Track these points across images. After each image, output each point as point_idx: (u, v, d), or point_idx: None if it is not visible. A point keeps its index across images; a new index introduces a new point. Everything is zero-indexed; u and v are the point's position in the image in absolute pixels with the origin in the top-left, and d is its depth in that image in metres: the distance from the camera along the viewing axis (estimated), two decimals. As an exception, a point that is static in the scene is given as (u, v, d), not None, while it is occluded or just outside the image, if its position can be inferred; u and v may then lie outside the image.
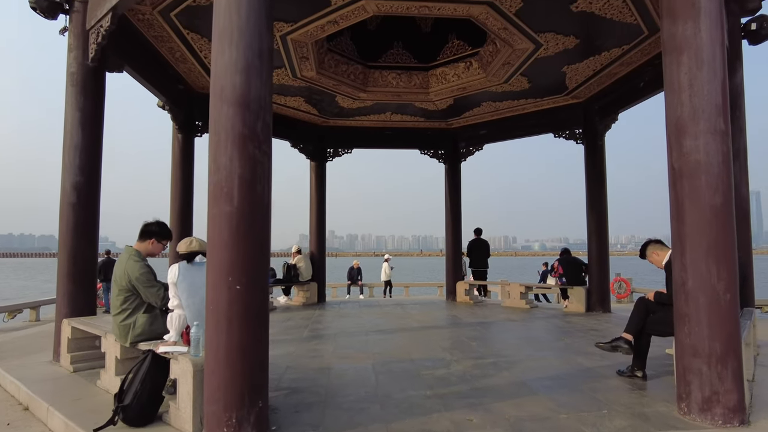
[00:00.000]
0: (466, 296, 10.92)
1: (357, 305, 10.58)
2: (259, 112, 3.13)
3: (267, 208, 3.13)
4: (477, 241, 11.78)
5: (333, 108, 9.96)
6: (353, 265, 18.32)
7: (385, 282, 17.15)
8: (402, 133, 11.20)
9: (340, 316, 8.74)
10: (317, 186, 11.13)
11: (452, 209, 11.52)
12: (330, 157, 11.14)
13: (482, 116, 10.55)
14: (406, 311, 9.42)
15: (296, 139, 10.72)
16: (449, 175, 11.53)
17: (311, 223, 11.14)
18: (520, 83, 8.56)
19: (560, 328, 7.33)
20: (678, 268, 3.44)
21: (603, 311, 9.10)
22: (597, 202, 9.33)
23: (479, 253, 11.66)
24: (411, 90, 9.00)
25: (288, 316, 8.75)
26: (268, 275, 3.24)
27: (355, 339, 6.50)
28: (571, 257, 9.84)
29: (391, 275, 17.40)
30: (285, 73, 8.14)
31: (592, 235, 9.35)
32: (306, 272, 10.63)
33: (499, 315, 8.82)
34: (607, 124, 9.08)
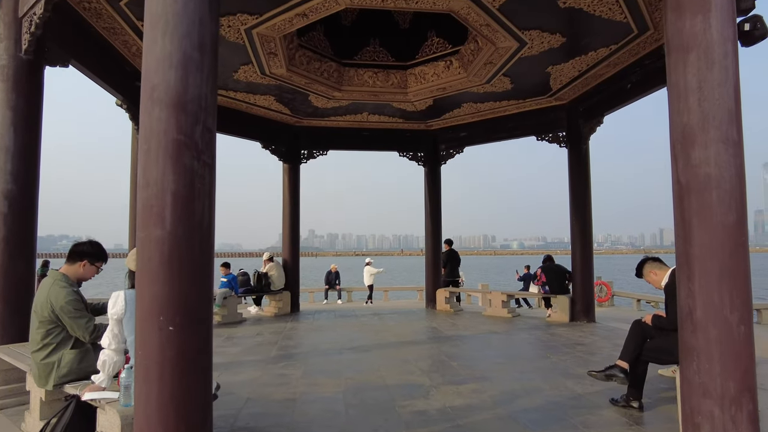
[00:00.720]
0: (446, 304, 10.50)
1: (332, 315, 10.06)
2: (198, 114, 2.60)
3: (208, 230, 2.61)
4: (450, 252, 11.76)
5: (306, 108, 9.42)
6: (331, 269, 17.74)
7: (369, 286, 16.45)
8: (380, 135, 10.73)
9: (314, 330, 8.22)
10: (290, 189, 10.57)
11: (432, 213, 11.10)
12: (304, 159, 10.59)
13: (463, 118, 10.14)
14: (384, 323, 8.94)
15: (267, 140, 10.14)
16: (429, 178, 11.10)
17: (284, 229, 10.58)
18: (502, 84, 8.16)
19: (545, 343, 6.95)
20: (684, 294, 3.04)
21: (587, 321, 8.78)
22: (581, 208, 9.01)
23: (453, 264, 11.69)
24: (388, 89, 8.53)
25: (257, 330, 8.19)
26: (210, 312, 2.71)
27: (327, 359, 6.00)
28: (555, 264, 9.51)
29: (374, 279, 16.72)
30: (252, 70, 7.58)
31: (576, 241, 9.03)
32: (278, 281, 10.07)
33: (480, 326, 8.42)
34: (592, 127, 8.75)
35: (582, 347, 6.61)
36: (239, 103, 9.08)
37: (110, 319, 3.01)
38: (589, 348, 6.56)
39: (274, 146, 10.24)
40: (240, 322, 9.13)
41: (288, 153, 10.43)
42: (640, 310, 15.01)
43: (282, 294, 10.13)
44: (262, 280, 9.83)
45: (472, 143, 10.53)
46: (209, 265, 2.64)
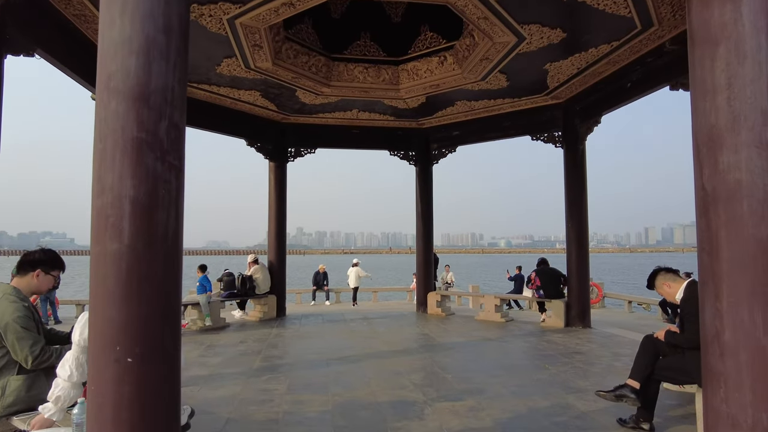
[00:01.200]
0: (437, 308, 10.20)
1: (320, 320, 9.70)
2: (163, 108, 2.23)
3: (174, 243, 2.24)
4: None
5: (293, 104, 9.03)
6: (319, 269, 17.33)
7: (354, 288, 15.90)
8: (370, 133, 10.37)
9: (300, 337, 7.86)
10: (277, 189, 10.17)
11: (423, 214, 10.78)
12: (291, 158, 10.20)
13: (456, 116, 9.82)
14: (373, 328, 8.61)
15: (253, 137, 9.73)
16: (420, 178, 10.77)
17: (270, 229, 10.18)
18: (498, 81, 7.86)
19: (541, 352, 6.67)
20: (710, 314, 2.75)
21: (583, 326, 8.53)
22: (577, 210, 8.75)
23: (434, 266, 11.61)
24: (379, 86, 8.17)
25: (241, 338, 7.80)
26: (177, 340, 2.35)
27: (313, 372, 5.64)
28: (549, 268, 9.25)
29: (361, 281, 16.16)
30: (236, 64, 7.17)
31: (572, 244, 8.77)
32: (263, 284, 9.67)
33: (473, 333, 8.13)
34: (589, 127, 8.49)
35: (580, 356, 6.34)
36: (223, 99, 8.66)
37: (76, 345, 2.59)
38: (588, 357, 6.30)
39: (260, 143, 9.83)
40: (223, 328, 8.73)
41: (274, 151, 10.02)
42: (631, 312, 14.88)
43: (267, 298, 9.75)
44: (247, 283, 9.43)
45: (465, 142, 10.23)
46: (175, 284, 2.28)
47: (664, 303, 12.88)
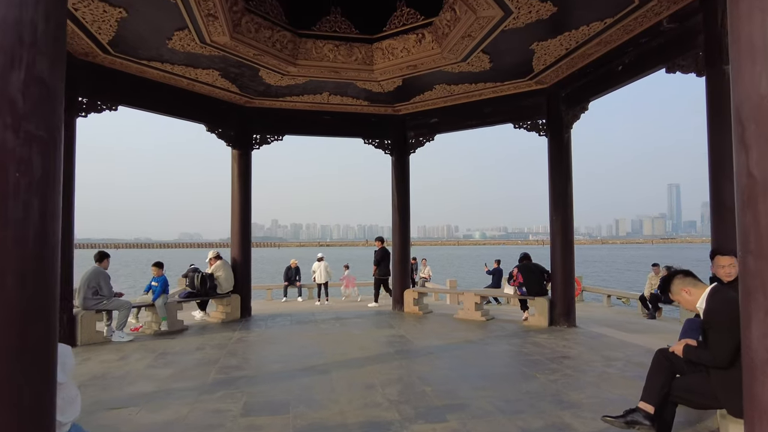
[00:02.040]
0: (414, 306, 9.62)
1: (288, 321, 8.99)
2: (16, 52, 1.52)
3: (41, 245, 1.54)
4: (383, 251, 11.59)
5: (257, 85, 8.24)
6: (291, 264, 16.56)
7: (320, 285, 14.89)
8: (342, 119, 9.65)
9: (264, 342, 7.15)
10: (241, 179, 9.37)
11: (400, 207, 10.15)
12: (256, 145, 9.41)
13: (434, 102, 9.19)
14: (346, 330, 7.96)
15: (214, 123, 8.89)
16: (396, 168, 10.12)
17: (233, 223, 9.39)
18: (480, 62, 7.25)
19: (527, 356, 6.14)
20: (759, 333, 2.18)
21: (568, 325, 8.07)
22: (562, 202, 8.26)
23: (386, 262, 11.42)
24: (351, 66, 7.46)
25: (198, 343, 7.05)
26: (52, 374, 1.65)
27: (275, 386, 4.96)
28: (532, 264, 8.75)
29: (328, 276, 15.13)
30: (190, 38, 6.36)
31: (557, 237, 8.29)
32: (226, 283, 8.90)
33: (453, 334, 7.56)
34: (576, 114, 7.97)
35: (569, 361, 5.83)
36: (179, 79, 7.81)
37: None
38: (577, 362, 5.80)
39: (221, 129, 9.00)
40: (180, 332, 7.95)
41: (237, 138, 9.21)
42: (611, 306, 14.66)
43: (230, 298, 8.98)
44: (207, 282, 8.64)
45: (444, 130, 9.62)
46: (48, 301, 1.58)
47: (644, 298, 12.65)
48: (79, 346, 6.75)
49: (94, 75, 7.03)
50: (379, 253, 11.64)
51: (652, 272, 13.23)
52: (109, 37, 6.27)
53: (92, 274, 7.19)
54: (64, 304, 6.55)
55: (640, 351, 6.33)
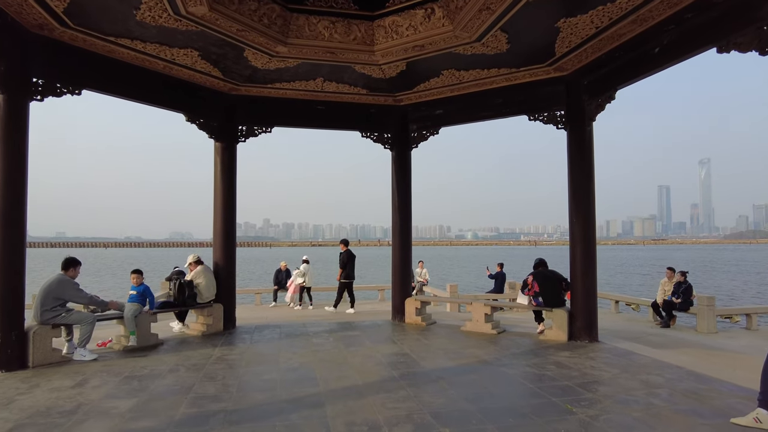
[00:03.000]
0: (417, 317, 8.72)
1: (276, 333, 8.06)
2: None
3: None
4: (348, 253, 11.35)
5: (242, 68, 7.31)
6: (280, 267, 15.61)
7: (303, 288, 13.93)
8: (338, 109, 8.73)
9: (249, 362, 6.21)
10: (225, 175, 8.42)
11: (400, 206, 9.25)
12: (242, 137, 8.46)
13: (440, 91, 8.30)
14: (342, 346, 7.04)
15: (194, 112, 7.94)
16: (397, 164, 9.22)
17: (215, 225, 8.43)
18: (496, 43, 6.38)
19: (553, 381, 5.27)
20: None
21: (590, 340, 7.23)
22: (583, 203, 7.42)
23: (351, 264, 11.36)
24: (350, 46, 6.56)
25: (173, 362, 6.11)
26: None
27: (259, 425, 4.05)
28: (549, 271, 7.88)
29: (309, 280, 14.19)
30: (161, 8, 5.43)
31: (577, 242, 7.44)
32: (207, 291, 7.95)
33: (463, 352, 6.68)
34: (600, 104, 7.13)
35: (605, 388, 4.98)
36: (153, 61, 6.86)
37: None
38: (614, 390, 4.94)
39: (202, 119, 8.05)
40: (154, 347, 7.00)
41: (221, 129, 8.26)
42: (618, 312, 13.87)
43: (212, 307, 8.03)
44: (185, 290, 7.68)
45: (450, 123, 8.73)
46: None
47: (656, 305, 11.87)
48: (30, 369, 5.77)
49: (52, 52, 6.07)
50: (345, 255, 11.32)
51: (665, 277, 12.43)
52: (63, 4, 5.31)
53: (55, 284, 6.18)
54: (10, 320, 5.60)
55: (681, 374, 5.50)
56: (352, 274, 11.45)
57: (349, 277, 11.36)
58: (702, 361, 6.29)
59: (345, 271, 11.29)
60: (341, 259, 11.35)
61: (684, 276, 11.84)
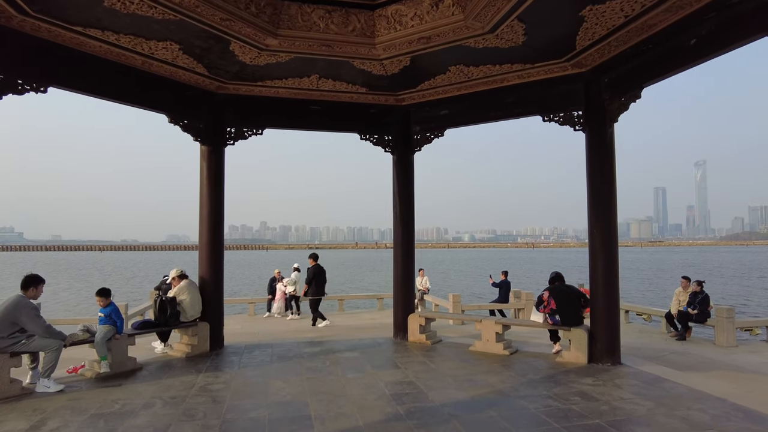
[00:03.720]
0: (421, 335, 8.03)
1: (268, 356, 7.34)
2: None
3: None
4: (316, 268, 10.91)
5: (229, 64, 6.63)
6: (274, 275, 14.92)
7: (290, 297, 13.37)
8: (335, 109, 8.06)
9: (236, 393, 5.51)
10: (211, 181, 7.72)
11: (402, 213, 8.56)
12: (230, 140, 7.78)
13: (446, 89, 7.64)
14: (339, 372, 6.34)
15: (177, 112, 7.25)
16: (399, 168, 8.55)
17: (201, 235, 7.72)
18: (511, 34, 5.72)
19: (584, 418, 4.59)
20: None
21: (612, 363, 6.57)
22: (604, 210, 6.76)
23: (319, 280, 10.90)
24: (348, 38, 5.89)
25: (149, 394, 5.40)
26: None
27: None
28: (566, 286, 7.21)
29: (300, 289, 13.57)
30: (133, -10, 4.74)
31: (598, 255, 6.77)
32: (191, 309, 7.25)
33: (475, 378, 6.00)
34: (624, 104, 6.48)
35: (643, 429, 4.31)
36: (130, 55, 6.16)
37: None
38: (653, 429, 4.28)
39: (186, 121, 7.35)
40: (132, 373, 6.29)
41: (207, 131, 7.57)
42: (629, 323, 13.21)
43: (197, 326, 7.33)
44: (167, 308, 6.97)
45: (456, 124, 8.07)
46: None
47: (671, 316, 11.23)
48: (-18, 404, 5.07)
49: (11, 44, 5.37)
50: (312, 270, 10.92)
51: (679, 287, 11.79)
52: (18, -13, 4.63)
53: (11, 307, 5.44)
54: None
55: (726, 409, 4.84)
56: (323, 289, 11.02)
57: (319, 293, 10.91)
58: (741, 389, 5.64)
59: (313, 287, 10.86)
60: (308, 274, 10.96)
61: (700, 286, 11.19)
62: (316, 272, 10.91)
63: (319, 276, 10.96)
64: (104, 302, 6.32)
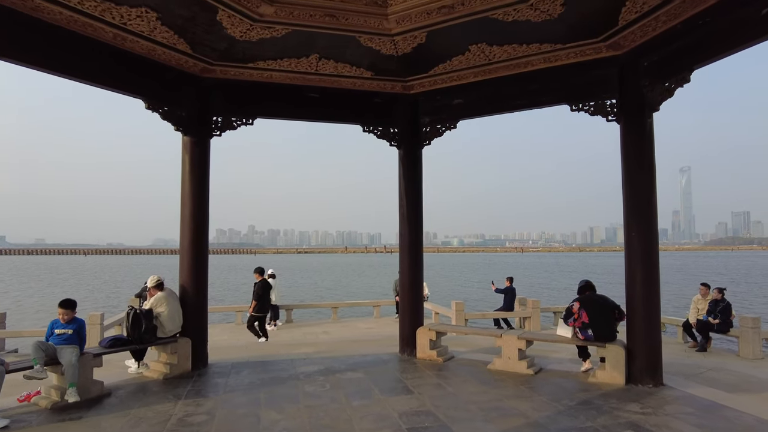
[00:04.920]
0: (431, 351, 7.14)
1: (258, 378, 6.37)
2: None
3: None
4: (263, 283, 10.49)
5: (217, 39, 5.72)
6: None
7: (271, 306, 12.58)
8: (335, 97, 7.18)
9: (221, 428, 4.58)
10: (194, 176, 6.77)
11: (410, 214, 7.68)
12: (217, 131, 6.85)
13: (461, 75, 6.80)
14: (342, 399, 5.42)
15: (155, 97, 6.30)
16: (405, 164, 7.68)
17: (182, 238, 6.75)
18: (549, 4, 4.92)
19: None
20: None
21: (654, 384, 5.75)
22: (644, 211, 5.97)
23: (266, 296, 10.52)
24: (356, 7, 5.03)
25: (117, 429, 4.45)
26: None
27: None
28: (598, 296, 6.38)
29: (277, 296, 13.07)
30: (95, -64, 3.82)
31: (636, 261, 5.97)
32: (170, 322, 6.29)
33: (501, 405, 5.13)
34: (668, 89, 5.66)
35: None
36: (97, 26, 5.22)
37: None
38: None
39: (166, 107, 6.41)
40: (97, 401, 5.32)
41: (191, 119, 6.64)
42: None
43: (177, 343, 6.36)
44: (141, 322, 6.00)
45: (472, 114, 7.23)
46: None
47: (689, 325, 10.50)
48: None
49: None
50: (259, 286, 10.39)
51: (698, 294, 11.06)
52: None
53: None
54: None
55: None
56: (267, 306, 10.60)
57: (263, 310, 10.44)
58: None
59: (259, 303, 10.30)
60: (255, 290, 10.39)
61: (722, 293, 10.47)
62: (264, 287, 10.46)
63: (266, 292, 10.53)
64: (69, 316, 5.34)
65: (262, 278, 10.60)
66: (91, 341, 8.96)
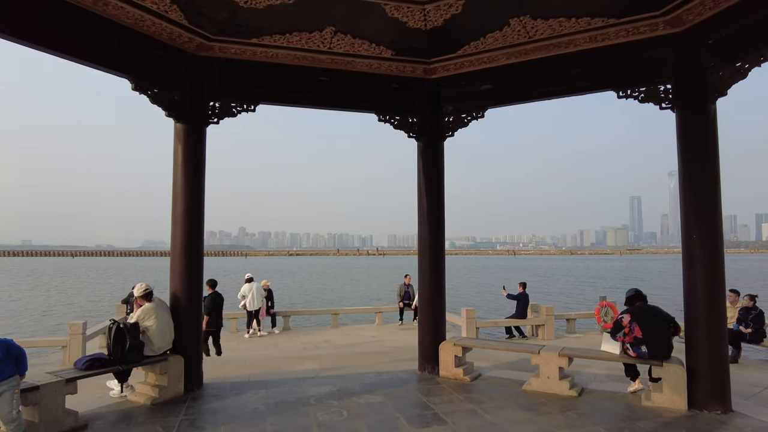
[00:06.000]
0: (457, 368, 6.31)
1: (262, 403, 5.49)
2: None
3: None
4: (214, 296, 9.63)
5: (216, 9, 4.88)
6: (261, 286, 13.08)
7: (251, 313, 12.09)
8: (348, 81, 6.35)
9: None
10: (188, 168, 5.90)
11: (431, 213, 6.86)
12: (214, 118, 6.00)
13: (492, 57, 6.01)
14: (363, 430, 4.59)
15: (143, 77, 5.43)
16: (425, 157, 6.87)
17: (174, 240, 5.88)
18: (614, -37, 4.13)
19: None
20: None
21: (723, 411, 4.98)
22: (708, 210, 5.20)
23: (218, 309, 9.65)
24: (385, -35, 4.21)
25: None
26: None
27: None
28: (651, 307, 5.60)
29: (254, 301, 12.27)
30: None
31: (697, 265, 5.19)
32: (160, 338, 5.41)
33: (556, 439, 4.33)
34: (740, 71, 4.90)
35: None
36: (75, -11, 4.37)
37: None
38: None
39: (156, 89, 5.55)
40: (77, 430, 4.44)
41: (184, 104, 5.78)
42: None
43: (168, 361, 5.48)
44: (125, 338, 5.12)
45: (502, 102, 6.43)
46: None
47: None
48: None
49: None
50: (209, 299, 9.47)
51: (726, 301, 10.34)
52: None
53: None
54: None
55: None
56: (220, 320, 9.80)
57: (216, 324, 9.58)
58: None
59: (211, 317, 9.41)
60: (205, 304, 9.27)
61: (753, 300, 9.76)
62: (215, 300, 9.61)
63: (218, 305, 9.66)
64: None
65: (213, 291, 9.72)
66: (72, 356, 8.06)
